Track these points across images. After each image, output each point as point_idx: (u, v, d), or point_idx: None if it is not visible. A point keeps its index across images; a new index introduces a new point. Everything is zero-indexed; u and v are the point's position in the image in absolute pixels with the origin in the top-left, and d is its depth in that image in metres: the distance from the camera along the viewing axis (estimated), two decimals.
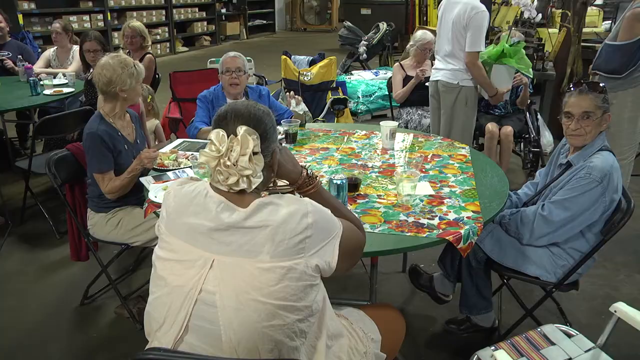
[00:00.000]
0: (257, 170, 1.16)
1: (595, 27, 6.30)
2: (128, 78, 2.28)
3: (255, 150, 1.15)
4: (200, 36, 11.66)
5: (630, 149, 3.37)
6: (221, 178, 1.15)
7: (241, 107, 1.21)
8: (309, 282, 1.14)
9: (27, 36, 5.32)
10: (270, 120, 1.24)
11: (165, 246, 1.20)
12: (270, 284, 1.09)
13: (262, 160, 1.17)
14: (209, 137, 1.16)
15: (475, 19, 3.18)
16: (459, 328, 2.38)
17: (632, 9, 3.06)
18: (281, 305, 1.10)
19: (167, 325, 1.16)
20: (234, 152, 1.13)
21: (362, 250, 1.39)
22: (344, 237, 1.23)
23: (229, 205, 1.15)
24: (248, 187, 1.16)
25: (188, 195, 1.20)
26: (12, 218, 3.44)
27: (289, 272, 1.11)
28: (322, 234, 1.17)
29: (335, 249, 1.19)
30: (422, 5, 9.68)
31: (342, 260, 1.22)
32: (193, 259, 1.15)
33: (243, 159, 1.13)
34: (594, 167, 1.90)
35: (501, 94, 3.56)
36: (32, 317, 2.52)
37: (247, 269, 1.11)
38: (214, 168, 1.15)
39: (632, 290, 2.74)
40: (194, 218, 1.16)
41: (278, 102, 3.16)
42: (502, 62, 3.59)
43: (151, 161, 2.23)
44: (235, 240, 1.12)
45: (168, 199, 1.23)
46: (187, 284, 1.14)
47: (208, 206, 1.16)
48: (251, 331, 1.10)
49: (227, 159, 1.13)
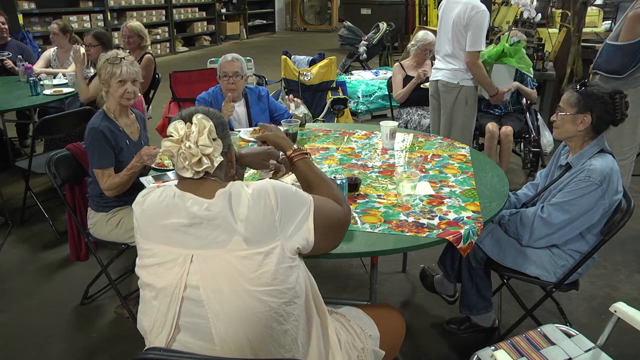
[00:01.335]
0: (217, 150, 1.21)
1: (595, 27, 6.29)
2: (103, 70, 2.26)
3: (213, 135, 1.21)
4: (200, 36, 11.67)
5: (630, 149, 3.37)
6: (186, 163, 1.19)
7: (192, 108, 1.30)
8: (287, 264, 1.16)
9: (27, 36, 5.33)
10: (219, 118, 1.29)
11: (144, 254, 1.22)
12: (250, 270, 1.12)
13: (220, 144, 1.22)
14: (169, 131, 1.22)
15: (476, 19, 3.18)
16: (459, 328, 2.38)
17: (633, 9, 3.06)
18: (265, 291, 1.12)
19: (158, 327, 1.18)
20: (193, 134, 1.18)
21: (345, 225, 1.41)
22: (318, 209, 1.26)
23: (198, 199, 1.18)
24: (211, 166, 1.21)
25: (155, 202, 1.22)
26: (12, 218, 3.44)
27: (267, 257, 1.13)
28: (291, 212, 1.20)
29: (310, 224, 1.23)
30: (422, 5, 9.68)
31: (322, 237, 1.25)
32: (173, 259, 1.16)
33: (202, 138, 1.18)
34: (594, 170, 1.90)
35: (502, 94, 3.56)
36: (32, 317, 2.52)
37: (226, 259, 1.13)
38: (177, 153, 1.19)
39: (632, 290, 2.74)
40: (168, 219, 1.18)
41: (278, 102, 3.16)
42: (503, 61, 3.59)
43: (151, 158, 2.23)
44: (209, 232, 1.14)
45: (136, 211, 1.25)
46: (171, 284, 1.15)
47: (178, 205, 1.18)
48: (239, 320, 1.11)
49: (187, 140, 1.18)
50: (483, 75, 3.37)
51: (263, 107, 3.04)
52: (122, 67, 2.24)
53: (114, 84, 2.25)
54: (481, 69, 3.33)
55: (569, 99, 1.99)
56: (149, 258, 1.21)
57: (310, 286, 1.27)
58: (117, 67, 2.24)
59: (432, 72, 3.64)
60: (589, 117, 1.95)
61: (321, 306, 1.32)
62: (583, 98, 1.95)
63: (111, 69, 2.24)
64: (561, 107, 2.02)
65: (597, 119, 1.95)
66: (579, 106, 1.96)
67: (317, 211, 1.26)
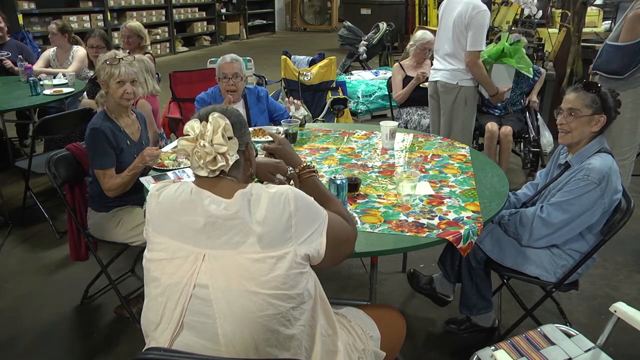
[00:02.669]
0: (232, 149, 1.20)
1: (595, 27, 6.29)
2: (102, 72, 2.26)
3: (229, 134, 1.20)
4: (200, 36, 11.67)
5: (630, 150, 3.37)
6: (201, 162, 1.18)
7: (209, 107, 1.28)
8: (298, 269, 1.16)
9: (27, 36, 5.32)
10: (238, 116, 1.29)
11: (154, 247, 1.22)
12: (262, 274, 1.11)
13: (236, 143, 1.21)
14: (185, 129, 1.21)
15: (477, 18, 3.18)
16: (459, 328, 2.38)
17: (634, 10, 3.05)
18: (274, 295, 1.12)
19: (164, 323, 1.17)
20: (208, 132, 1.17)
21: (351, 246, 1.41)
22: (330, 225, 1.26)
23: (216, 198, 1.17)
24: (226, 165, 1.20)
25: (171, 196, 1.22)
26: (12, 218, 3.44)
27: (279, 262, 1.13)
28: (307, 221, 1.20)
29: (323, 237, 1.23)
30: (422, 5, 9.69)
31: (330, 251, 1.24)
32: (184, 256, 1.16)
33: (217, 136, 1.18)
34: (592, 169, 1.90)
35: (501, 93, 3.57)
36: (32, 317, 2.52)
37: (238, 261, 1.12)
38: (192, 152, 1.19)
39: (632, 290, 2.74)
40: (185, 215, 1.18)
41: (278, 102, 3.16)
42: (502, 61, 3.60)
43: (153, 159, 2.23)
44: (224, 232, 1.14)
45: (151, 203, 1.25)
46: (181, 281, 1.15)
47: (195, 202, 1.18)
48: (246, 322, 1.11)
49: (202, 139, 1.17)
50: (483, 75, 3.38)
51: (262, 107, 3.03)
52: (120, 67, 2.24)
53: (113, 84, 2.25)
54: (481, 68, 3.33)
55: (583, 100, 1.95)
56: (158, 252, 1.20)
57: (318, 292, 1.27)
58: (116, 68, 2.24)
59: (431, 72, 3.63)
60: (604, 117, 1.94)
61: (328, 312, 1.32)
62: (599, 98, 1.94)
63: (110, 70, 2.24)
64: (573, 109, 1.96)
65: (608, 118, 1.95)
66: (595, 107, 1.94)
67: (329, 227, 1.25)
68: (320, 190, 1.51)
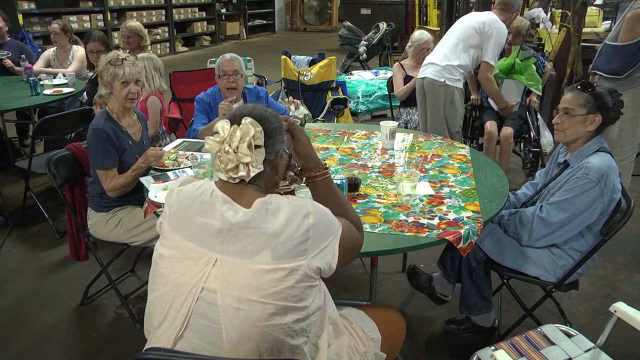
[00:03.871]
0: (256, 160, 1.18)
1: (595, 27, 6.28)
2: (105, 72, 2.25)
3: (258, 142, 1.17)
4: (200, 36, 11.66)
5: (630, 149, 3.37)
6: (222, 166, 1.17)
7: (249, 105, 1.25)
8: (309, 283, 1.15)
9: (27, 36, 5.32)
10: (277, 121, 1.25)
11: (167, 244, 1.21)
12: (272, 284, 1.10)
13: (262, 153, 1.18)
14: (215, 128, 1.19)
15: (499, 33, 3.31)
16: (459, 328, 2.38)
17: (632, 10, 3.05)
18: (282, 306, 1.11)
19: (168, 322, 1.16)
20: (234, 138, 1.15)
21: (358, 251, 1.39)
22: (343, 237, 1.24)
23: (233, 205, 1.16)
24: (247, 175, 1.17)
25: (192, 194, 1.21)
26: (12, 218, 3.44)
27: (291, 274, 1.11)
28: (323, 235, 1.18)
29: (335, 250, 1.21)
30: (422, 5, 9.69)
31: (339, 263, 1.23)
32: (196, 258, 1.15)
33: (243, 145, 1.15)
34: (591, 168, 1.90)
35: (511, 107, 3.72)
36: (32, 317, 2.52)
37: (250, 270, 1.11)
38: (216, 154, 1.17)
39: (632, 290, 2.74)
40: (201, 217, 1.17)
41: (277, 102, 3.16)
42: (513, 77, 3.69)
43: (157, 159, 2.23)
44: (239, 240, 1.13)
45: (171, 197, 1.24)
46: (190, 282, 1.14)
47: (214, 205, 1.17)
48: (252, 330, 1.10)
49: (228, 145, 1.15)
50: (494, 89, 3.53)
51: None
52: (124, 67, 2.24)
53: (117, 85, 2.24)
54: (493, 82, 3.49)
55: (578, 99, 1.96)
56: (170, 249, 1.19)
57: (327, 303, 1.26)
58: (120, 68, 2.23)
59: (420, 69, 3.65)
60: (599, 116, 1.95)
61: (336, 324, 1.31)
62: (593, 98, 1.94)
63: (114, 71, 2.23)
64: (568, 109, 1.98)
65: (605, 118, 1.95)
66: (588, 106, 1.94)
67: (342, 239, 1.24)
68: (335, 192, 1.43)
